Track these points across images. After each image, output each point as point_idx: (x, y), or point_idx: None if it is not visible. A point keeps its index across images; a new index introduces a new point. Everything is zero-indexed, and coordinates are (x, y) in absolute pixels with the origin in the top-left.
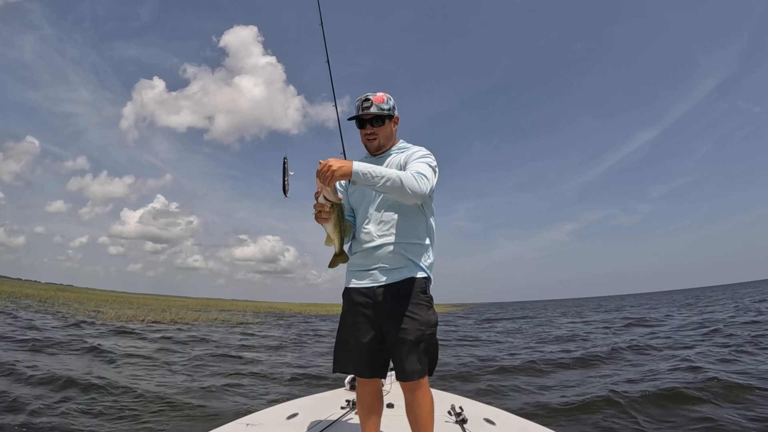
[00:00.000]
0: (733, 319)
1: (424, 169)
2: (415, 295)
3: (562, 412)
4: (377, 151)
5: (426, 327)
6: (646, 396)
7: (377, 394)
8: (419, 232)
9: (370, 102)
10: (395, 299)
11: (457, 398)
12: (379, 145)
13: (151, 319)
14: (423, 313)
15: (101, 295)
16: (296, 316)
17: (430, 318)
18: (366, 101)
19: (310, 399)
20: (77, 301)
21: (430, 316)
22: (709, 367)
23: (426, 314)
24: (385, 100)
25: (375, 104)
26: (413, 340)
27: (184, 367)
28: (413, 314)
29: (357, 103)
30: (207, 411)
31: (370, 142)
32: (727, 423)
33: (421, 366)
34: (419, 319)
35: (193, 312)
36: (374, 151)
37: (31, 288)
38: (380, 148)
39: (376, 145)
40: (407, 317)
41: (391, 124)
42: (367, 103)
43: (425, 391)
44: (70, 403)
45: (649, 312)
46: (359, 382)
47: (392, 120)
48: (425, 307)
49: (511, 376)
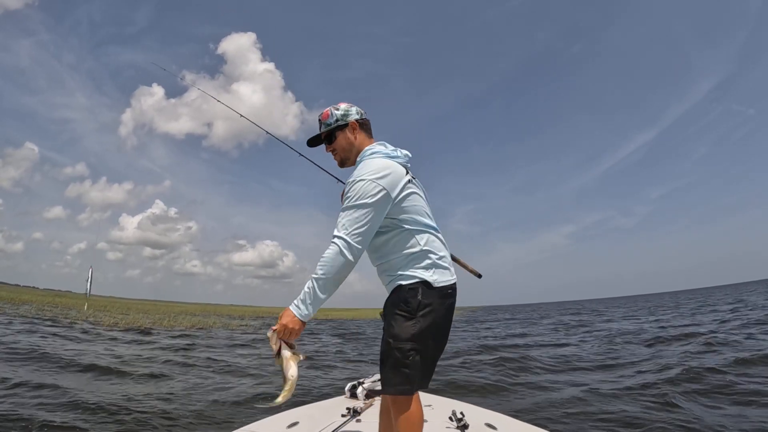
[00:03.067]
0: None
1: (339, 230)
2: (394, 306)
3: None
4: (343, 165)
5: (394, 340)
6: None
7: (386, 409)
8: (400, 245)
9: (319, 122)
10: (385, 313)
11: (457, 404)
12: (341, 159)
13: (148, 325)
14: (396, 325)
15: (99, 301)
16: None
17: (401, 331)
18: (318, 122)
19: (310, 407)
20: (75, 308)
21: (404, 328)
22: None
23: (398, 326)
24: (329, 113)
25: (322, 122)
26: (381, 352)
27: (182, 375)
28: (387, 326)
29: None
30: (206, 420)
31: (335, 160)
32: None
33: (385, 379)
34: (390, 330)
35: (192, 317)
36: (340, 166)
37: (29, 294)
38: (344, 162)
39: (339, 161)
40: (383, 329)
41: (346, 133)
42: (318, 123)
43: (399, 408)
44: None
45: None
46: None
47: (345, 129)
48: (401, 318)
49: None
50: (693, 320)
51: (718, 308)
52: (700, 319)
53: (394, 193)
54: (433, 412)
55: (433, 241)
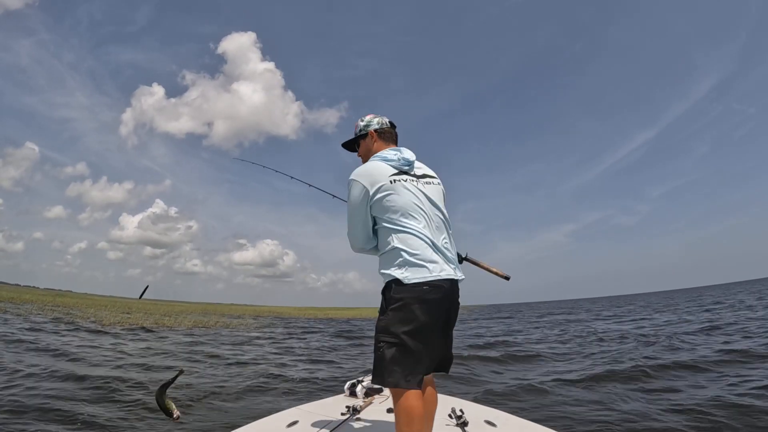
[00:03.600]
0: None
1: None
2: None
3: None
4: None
5: (375, 332)
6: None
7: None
8: (382, 244)
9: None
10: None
11: (457, 401)
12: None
13: (149, 324)
14: (377, 320)
15: (100, 300)
16: (297, 319)
17: (377, 325)
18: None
19: (310, 406)
20: (76, 307)
21: (378, 322)
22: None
23: (377, 321)
24: (356, 125)
25: (354, 132)
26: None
27: (182, 375)
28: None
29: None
30: (204, 420)
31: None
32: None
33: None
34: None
35: (192, 317)
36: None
37: (29, 293)
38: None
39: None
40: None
41: (366, 142)
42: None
43: (394, 400)
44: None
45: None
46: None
47: (366, 137)
48: (380, 311)
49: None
50: (679, 319)
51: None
52: (687, 318)
53: (372, 190)
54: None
55: (409, 239)
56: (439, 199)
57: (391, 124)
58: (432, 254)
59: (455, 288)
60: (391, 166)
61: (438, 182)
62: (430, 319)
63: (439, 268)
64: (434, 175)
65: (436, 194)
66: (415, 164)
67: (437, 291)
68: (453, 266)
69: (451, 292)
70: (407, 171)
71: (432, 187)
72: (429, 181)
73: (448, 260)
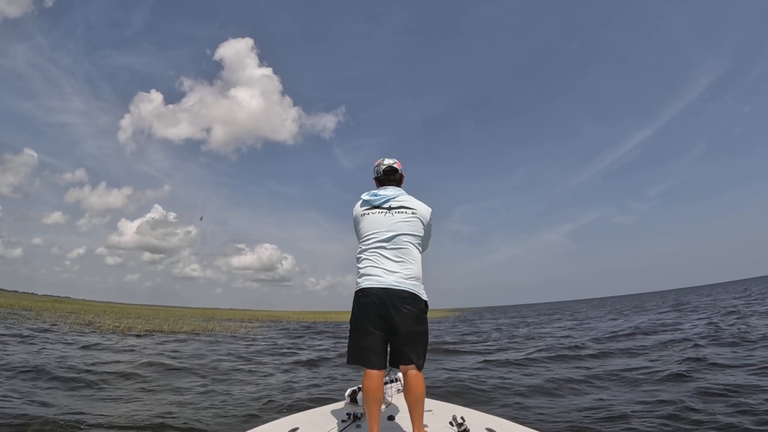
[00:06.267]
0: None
1: None
2: None
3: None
4: None
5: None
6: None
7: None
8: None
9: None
10: None
11: (458, 408)
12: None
13: (148, 330)
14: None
15: (99, 306)
16: (296, 323)
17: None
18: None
19: (310, 413)
20: (75, 312)
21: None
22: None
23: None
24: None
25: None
26: None
27: (181, 380)
28: None
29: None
30: (204, 427)
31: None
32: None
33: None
34: None
35: (191, 322)
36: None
37: (28, 300)
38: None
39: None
40: None
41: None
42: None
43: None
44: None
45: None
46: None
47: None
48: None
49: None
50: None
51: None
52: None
53: (353, 219)
54: (434, 417)
55: (361, 258)
56: (404, 227)
57: (387, 170)
58: (373, 269)
59: (391, 294)
60: (366, 202)
61: (412, 213)
62: (364, 317)
63: (376, 281)
64: (414, 207)
65: (402, 223)
66: (396, 198)
67: (368, 296)
68: (395, 278)
69: (384, 297)
70: (380, 205)
71: (401, 215)
72: (402, 211)
73: (389, 273)
